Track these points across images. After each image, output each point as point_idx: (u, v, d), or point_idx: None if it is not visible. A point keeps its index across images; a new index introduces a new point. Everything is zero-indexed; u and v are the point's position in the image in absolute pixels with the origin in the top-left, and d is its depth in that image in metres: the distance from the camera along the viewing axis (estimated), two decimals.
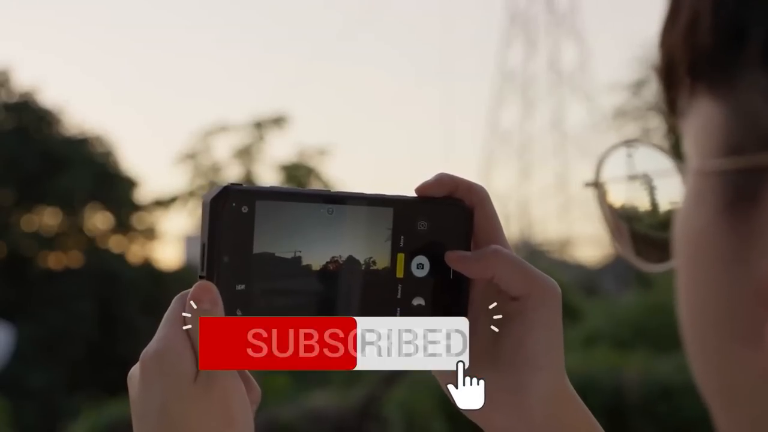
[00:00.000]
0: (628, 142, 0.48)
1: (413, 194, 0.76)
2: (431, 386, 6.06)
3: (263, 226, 0.71)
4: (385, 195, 0.75)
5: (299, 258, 0.72)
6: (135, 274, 15.62)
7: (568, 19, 17.99)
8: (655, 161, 0.46)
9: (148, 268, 16.18)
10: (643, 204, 0.47)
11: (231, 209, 0.70)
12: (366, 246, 0.74)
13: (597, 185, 0.47)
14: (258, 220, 0.71)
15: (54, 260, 15.98)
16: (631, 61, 17.71)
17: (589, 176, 0.47)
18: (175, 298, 0.71)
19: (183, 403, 0.68)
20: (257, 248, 0.71)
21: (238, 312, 0.70)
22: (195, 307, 0.69)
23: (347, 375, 7.60)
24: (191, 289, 0.69)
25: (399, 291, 0.75)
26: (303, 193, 0.73)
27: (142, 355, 0.69)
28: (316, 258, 0.72)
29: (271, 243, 0.71)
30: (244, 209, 0.70)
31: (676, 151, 0.46)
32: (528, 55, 18.31)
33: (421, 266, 0.75)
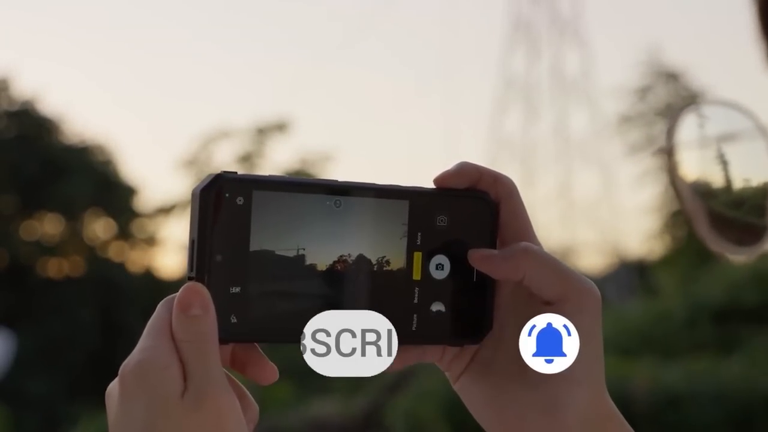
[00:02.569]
0: (700, 104, 0.40)
1: (431, 185, 0.68)
2: (436, 394, 6.01)
3: (261, 220, 0.63)
4: (399, 186, 0.67)
5: (302, 257, 0.64)
6: (136, 281, 15.64)
7: (572, 24, 17.93)
8: (734, 123, 0.38)
9: (149, 276, 16.18)
10: (719, 178, 0.39)
11: (224, 201, 0.62)
12: (378, 243, 0.66)
13: (669, 153, 0.39)
14: (255, 213, 0.63)
15: (55, 268, 15.97)
16: (635, 66, 17.62)
17: (662, 144, 0.39)
18: (161, 303, 0.62)
19: (169, 422, 0.59)
20: (254, 245, 0.63)
21: (233, 318, 0.62)
22: (183, 312, 0.60)
23: (350, 382, 7.53)
24: (178, 293, 0.61)
25: (416, 295, 0.67)
26: (307, 183, 0.66)
27: (121, 368, 0.61)
28: (321, 257, 0.65)
29: (271, 239, 0.63)
30: (239, 201, 0.62)
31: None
32: (531, 61, 18.25)
33: (440, 267, 0.68)
